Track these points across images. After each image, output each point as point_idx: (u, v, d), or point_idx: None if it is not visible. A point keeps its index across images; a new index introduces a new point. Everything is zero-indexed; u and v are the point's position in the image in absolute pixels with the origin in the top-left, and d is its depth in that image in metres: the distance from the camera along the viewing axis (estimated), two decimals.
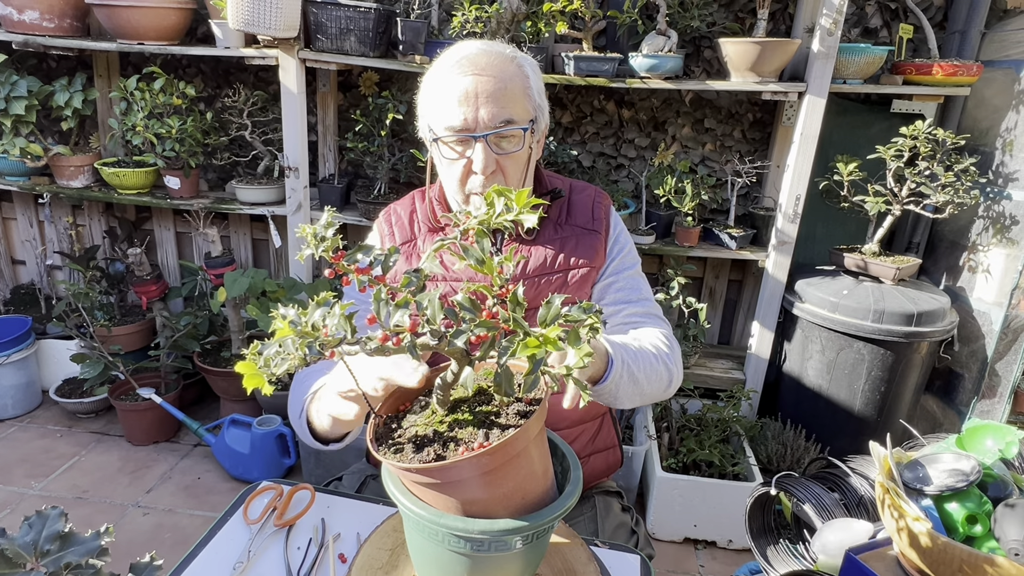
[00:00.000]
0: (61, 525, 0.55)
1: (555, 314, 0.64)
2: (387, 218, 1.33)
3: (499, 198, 0.72)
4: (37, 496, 2.33)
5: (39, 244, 3.09)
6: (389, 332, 0.62)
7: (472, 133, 1.12)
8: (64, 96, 2.60)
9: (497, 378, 0.70)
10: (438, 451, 0.68)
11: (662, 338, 1.17)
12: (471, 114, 1.11)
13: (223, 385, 2.68)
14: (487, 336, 0.64)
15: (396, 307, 0.62)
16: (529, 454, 0.72)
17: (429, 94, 1.18)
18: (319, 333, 0.59)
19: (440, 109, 1.13)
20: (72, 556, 0.53)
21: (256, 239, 3.00)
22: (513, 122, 1.13)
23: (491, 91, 1.11)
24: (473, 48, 1.15)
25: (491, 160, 1.13)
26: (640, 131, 2.71)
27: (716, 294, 2.86)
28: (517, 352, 0.61)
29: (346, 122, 2.77)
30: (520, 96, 1.14)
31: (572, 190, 1.34)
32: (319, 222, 0.69)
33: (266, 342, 0.59)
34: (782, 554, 1.19)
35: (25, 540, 0.53)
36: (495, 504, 0.70)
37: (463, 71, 1.11)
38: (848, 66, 2.24)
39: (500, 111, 1.11)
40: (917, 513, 0.83)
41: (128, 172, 2.61)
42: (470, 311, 0.65)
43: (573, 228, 1.28)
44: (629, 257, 1.31)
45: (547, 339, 0.61)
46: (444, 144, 1.15)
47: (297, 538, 0.96)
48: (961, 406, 2.36)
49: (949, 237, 2.51)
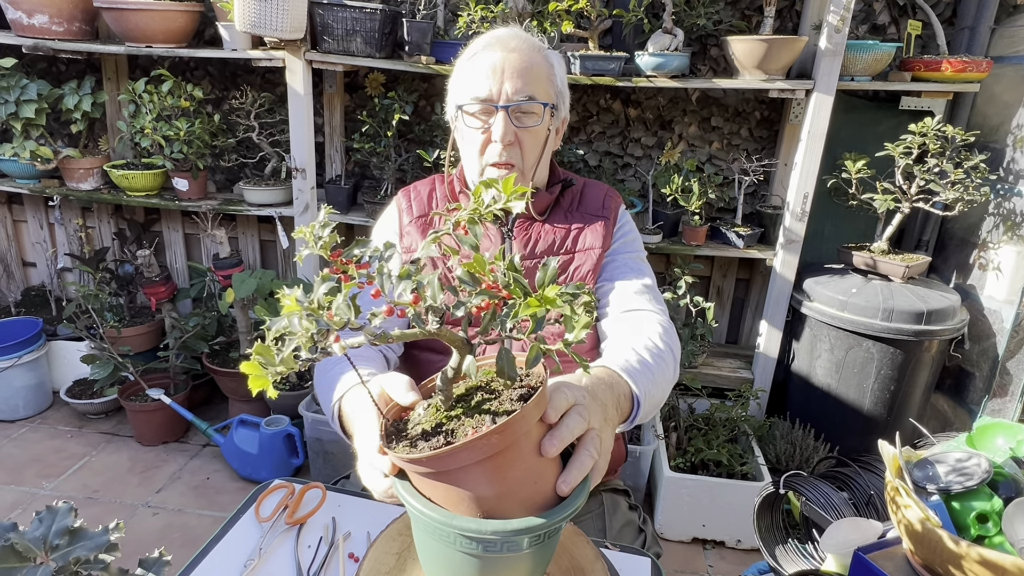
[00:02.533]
0: (71, 520, 0.55)
1: (552, 275, 0.64)
2: (406, 193, 1.39)
3: (487, 190, 0.72)
4: (48, 496, 2.35)
5: (49, 246, 3.11)
6: (394, 305, 0.62)
7: (495, 103, 1.19)
8: (73, 99, 2.62)
9: (499, 361, 0.70)
10: (446, 441, 0.69)
11: (661, 325, 1.14)
12: (496, 86, 1.18)
13: (231, 385, 2.70)
14: (488, 305, 0.65)
15: (399, 279, 0.62)
16: (533, 440, 0.72)
17: (458, 73, 1.26)
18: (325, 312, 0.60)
19: (467, 81, 1.21)
20: (81, 551, 0.54)
21: (264, 240, 3.01)
22: (535, 98, 1.20)
23: (517, 67, 1.19)
24: (504, 30, 1.25)
25: (510, 130, 1.19)
26: (647, 130, 2.71)
27: (724, 293, 2.85)
28: (519, 313, 0.61)
29: (352, 123, 2.78)
30: (544, 79, 1.22)
31: (585, 184, 1.39)
32: (316, 221, 0.69)
33: (272, 320, 0.60)
34: (790, 554, 1.18)
35: (35, 535, 0.54)
36: (506, 499, 0.70)
37: (492, 48, 1.21)
38: (856, 63, 2.23)
39: (524, 86, 1.18)
40: (927, 512, 0.83)
41: (137, 174, 2.63)
42: (469, 283, 0.66)
43: (583, 215, 1.32)
44: (635, 243, 1.34)
45: (545, 298, 0.62)
46: (467, 114, 1.22)
47: (308, 536, 0.97)
48: (972, 405, 2.35)
49: (959, 235, 2.49)
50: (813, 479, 1.15)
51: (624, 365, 0.98)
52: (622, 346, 1.07)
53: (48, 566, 0.50)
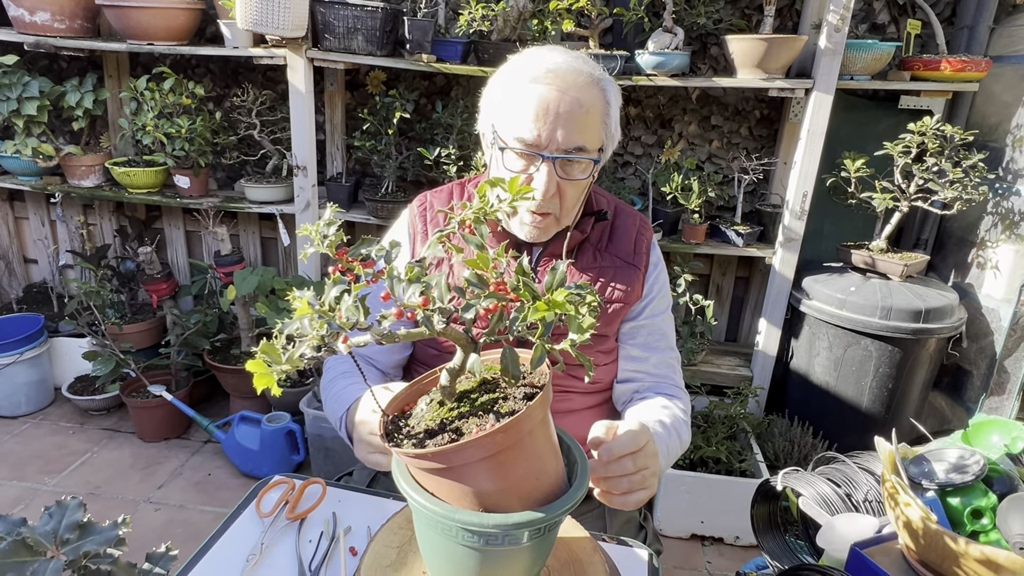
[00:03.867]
0: (80, 515, 0.56)
1: (560, 279, 0.65)
2: (422, 212, 1.27)
3: (491, 189, 0.73)
4: (50, 492, 2.36)
5: (51, 243, 3.12)
6: (403, 308, 0.63)
7: (541, 151, 1.07)
8: (75, 96, 2.63)
9: (504, 360, 0.71)
10: (451, 437, 0.70)
11: (681, 403, 1.22)
12: (546, 132, 1.06)
13: (233, 382, 2.71)
14: (496, 307, 0.66)
15: (409, 282, 0.63)
16: (536, 439, 0.73)
17: (504, 96, 1.12)
18: (336, 313, 0.61)
19: (513, 117, 1.09)
20: (91, 545, 0.55)
21: (265, 237, 3.02)
22: (585, 150, 1.08)
23: (570, 112, 1.06)
24: (561, 60, 1.09)
25: (553, 183, 1.09)
26: (647, 128, 2.71)
27: (723, 291, 2.86)
28: (528, 316, 0.62)
29: (354, 121, 2.78)
30: (597, 124, 1.10)
31: (617, 213, 1.29)
32: (321, 219, 0.70)
33: (284, 322, 0.60)
34: (787, 549, 1.19)
35: (45, 529, 0.55)
36: (507, 495, 0.71)
37: (548, 83, 1.06)
38: (855, 62, 2.23)
39: (575, 136, 1.07)
40: (925, 509, 0.84)
41: (138, 171, 2.63)
42: (477, 285, 0.67)
43: (613, 258, 1.25)
44: (664, 301, 1.30)
45: (554, 302, 0.62)
46: (509, 153, 1.11)
47: (309, 531, 0.98)
48: (969, 403, 2.36)
49: (957, 233, 2.50)
50: (810, 475, 1.16)
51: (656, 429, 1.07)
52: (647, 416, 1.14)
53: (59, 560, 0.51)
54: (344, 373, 1.20)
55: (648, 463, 0.90)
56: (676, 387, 1.28)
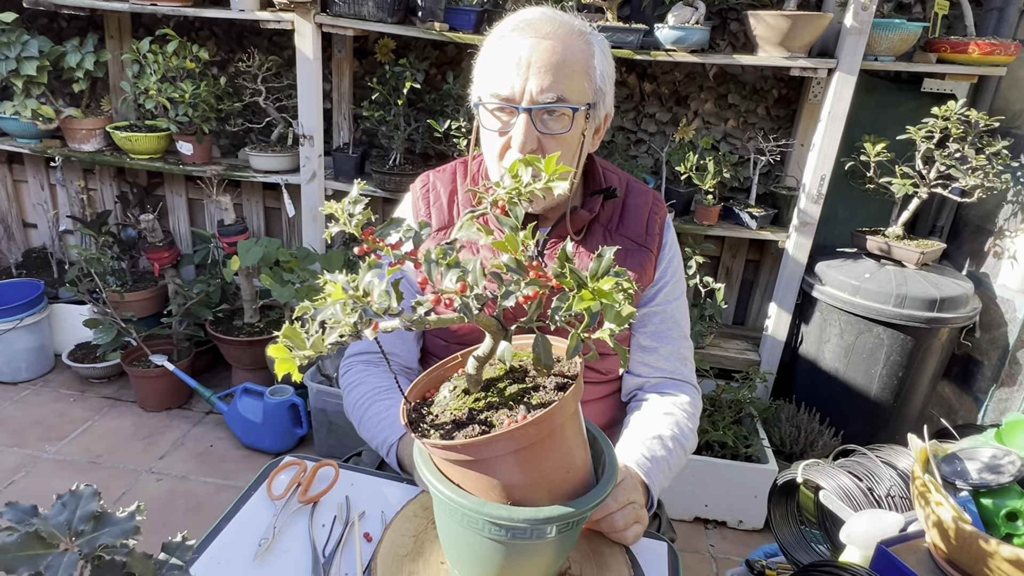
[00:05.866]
0: (95, 505, 0.53)
1: (607, 267, 0.61)
2: (424, 195, 1.23)
3: (526, 168, 0.69)
4: (51, 459, 2.34)
5: (51, 208, 3.06)
6: (440, 294, 0.60)
7: (517, 104, 1.02)
8: (76, 57, 2.55)
9: (536, 349, 0.68)
10: (482, 429, 0.67)
11: (687, 405, 1.18)
12: (520, 83, 1.02)
13: (235, 354, 2.68)
14: (536, 295, 0.62)
15: (447, 267, 0.59)
16: (567, 431, 0.70)
17: (482, 56, 1.10)
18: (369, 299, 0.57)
19: (489, 73, 1.06)
20: (107, 537, 0.52)
21: (268, 207, 2.97)
22: (565, 100, 1.02)
23: (547, 61, 1.01)
24: (538, 11, 1.06)
25: (531, 137, 1.03)
26: (661, 105, 2.65)
27: (733, 274, 2.82)
28: (573, 306, 0.58)
29: (361, 90, 2.72)
30: (579, 73, 1.04)
31: (628, 191, 1.23)
32: (347, 197, 0.66)
33: (316, 308, 0.57)
34: (804, 542, 1.17)
35: (59, 520, 0.52)
36: (536, 488, 0.69)
37: (521, 34, 1.03)
38: (881, 42, 2.17)
39: (552, 84, 1.01)
40: (959, 511, 0.81)
41: (140, 136, 2.57)
42: (516, 271, 0.63)
43: (624, 240, 1.18)
44: (679, 286, 1.24)
45: (600, 292, 0.59)
46: (486, 111, 1.07)
47: (321, 515, 0.95)
48: (979, 393, 2.34)
49: (974, 222, 2.46)
50: (831, 468, 1.14)
51: (642, 463, 1.05)
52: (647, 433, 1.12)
53: (73, 553, 0.48)
54: (381, 389, 1.16)
55: (631, 497, 0.93)
56: (684, 382, 1.23)
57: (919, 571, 0.88)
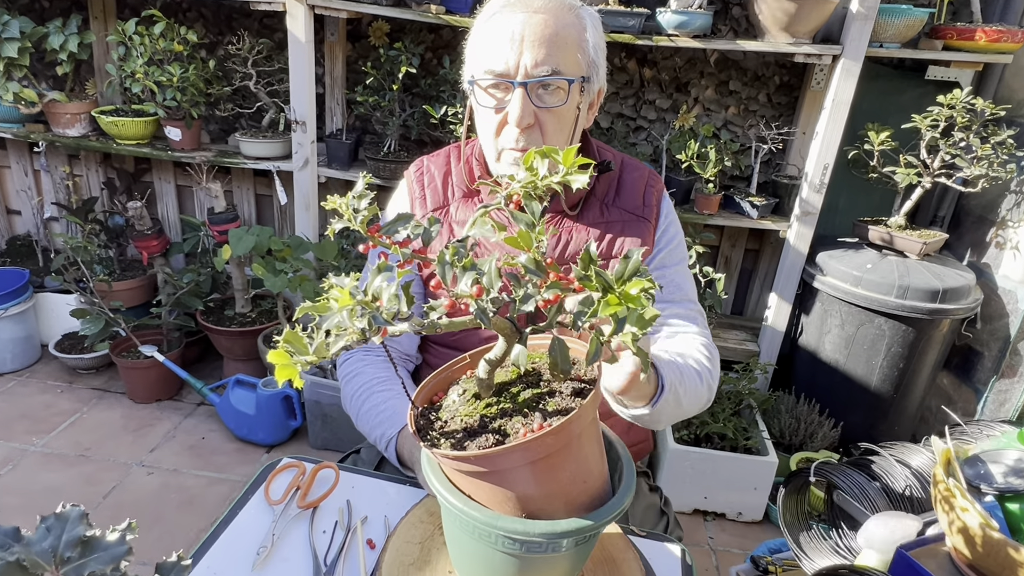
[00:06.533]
0: (83, 528, 0.49)
1: (634, 268, 0.57)
2: (419, 177, 1.22)
3: (542, 159, 0.65)
4: (39, 453, 2.29)
5: (35, 194, 2.99)
6: (456, 298, 0.55)
7: (512, 79, 1.01)
8: (59, 39, 2.47)
9: (553, 353, 0.64)
10: (495, 439, 0.63)
11: (703, 350, 1.09)
12: (514, 58, 1.01)
13: (227, 344, 2.63)
14: (557, 299, 0.58)
15: (463, 269, 0.55)
16: (584, 440, 0.67)
17: (473, 36, 1.10)
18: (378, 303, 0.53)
19: (483, 50, 1.05)
20: (96, 564, 0.48)
21: (260, 194, 2.90)
22: (560, 73, 1.02)
23: (540, 35, 1.00)
24: None
25: (528, 111, 1.02)
26: (661, 92, 2.60)
27: (732, 263, 2.79)
28: (599, 312, 0.54)
29: (354, 74, 2.65)
30: (572, 46, 1.03)
31: (624, 166, 1.22)
32: (352, 191, 0.62)
33: (322, 315, 0.53)
34: (815, 541, 1.15)
35: (43, 546, 0.48)
36: (552, 499, 0.65)
37: (512, 10, 1.02)
38: (886, 29, 2.13)
39: (547, 58, 1.00)
40: (982, 514, 0.79)
41: (127, 121, 2.50)
42: (536, 273, 0.59)
43: (621, 212, 1.17)
44: (678, 251, 1.21)
45: (627, 296, 0.55)
46: (480, 89, 1.06)
47: (322, 521, 0.92)
48: (979, 384, 2.33)
49: (976, 211, 2.44)
50: (844, 467, 1.11)
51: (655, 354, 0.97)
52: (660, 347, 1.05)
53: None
54: (379, 380, 1.12)
55: None
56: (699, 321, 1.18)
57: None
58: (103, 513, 2.04)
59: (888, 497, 1.07)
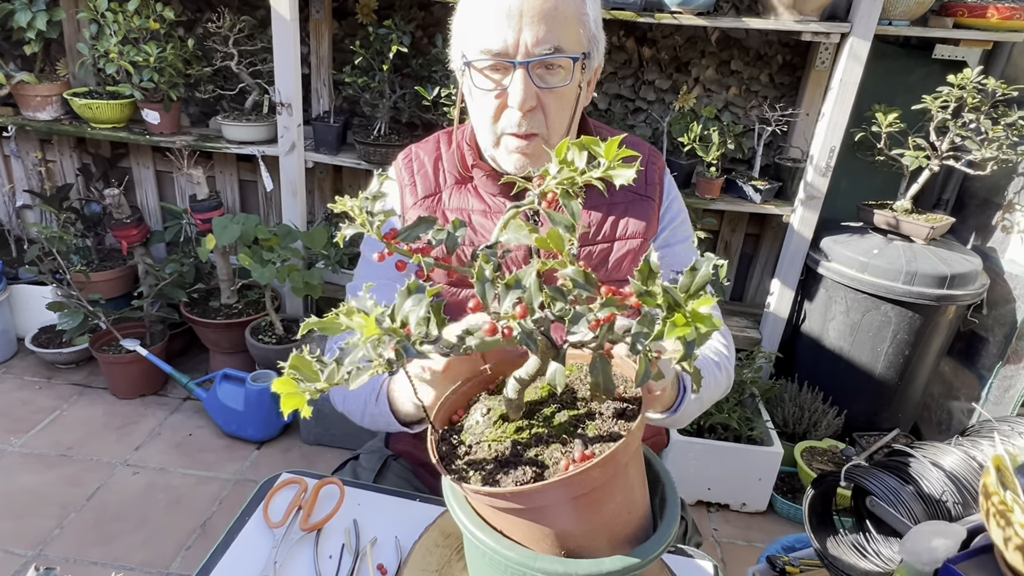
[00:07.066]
0: None
1: (702, 282, 0.50)
2: (408, 164, 1.15)
3: (580, 152, 0.57)
4: (17, 453, 2.19)
5: (6, 182, 2.85)
6: (497, 320, 0.48)
7: (511, 59, 0.93)
8: (26, 16, 2.33)
9: (595, 373, 0.57)
10: (533, 472, 0.55)
11: (720, 337, 1.04)
12: (512, 36, 0.92)
13: (213, 337, 2.53)
14: (611, 318, 0.51)
15: (506, 288, 0.48)
16: (629, 471, 0.60)
17: (463, 11, 1.00)
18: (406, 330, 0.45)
19: (476, 28, 0.95)
20: None
21: (243, 180, 2.79)
22: (562, 50, 0.94)
23: (539, 10, 0.92)
24: None
25: (531, 93, 0.95)
26: (661, 72, 2.52)
27: (732, 248, 2.73)
28: (666, 333, 0.47)
29: (342, 54, 2.53)
30: (573, 21, 0.95)
31: (623, 144, 1.16)
32: (366, 192, 0.54)
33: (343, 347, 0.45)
34: (843, 546, 1.10)
35: None
36: (595, 535, 0.58)
37: None
38: (896, 6, 2.06)
39: (548, 35, 0.92)
40: None
41: (102, 104, 2.37)
42: (585, 287, 0.51)
43: (623, 191, 1.10)
44: (682, 229, 1.15)
45: (696, 315, 0.47)
46: (476, 71, 0.97)
47: (327, 544, 0.84)
48: (983, 371, 2.30)
49: (981, 194, 2.39)
50: (875, 470, 1.06)
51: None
52: None
53: None
54: None
55: None
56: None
57: None
58: (87, 516, 1.95)
59: (923, 501, 1.02)
